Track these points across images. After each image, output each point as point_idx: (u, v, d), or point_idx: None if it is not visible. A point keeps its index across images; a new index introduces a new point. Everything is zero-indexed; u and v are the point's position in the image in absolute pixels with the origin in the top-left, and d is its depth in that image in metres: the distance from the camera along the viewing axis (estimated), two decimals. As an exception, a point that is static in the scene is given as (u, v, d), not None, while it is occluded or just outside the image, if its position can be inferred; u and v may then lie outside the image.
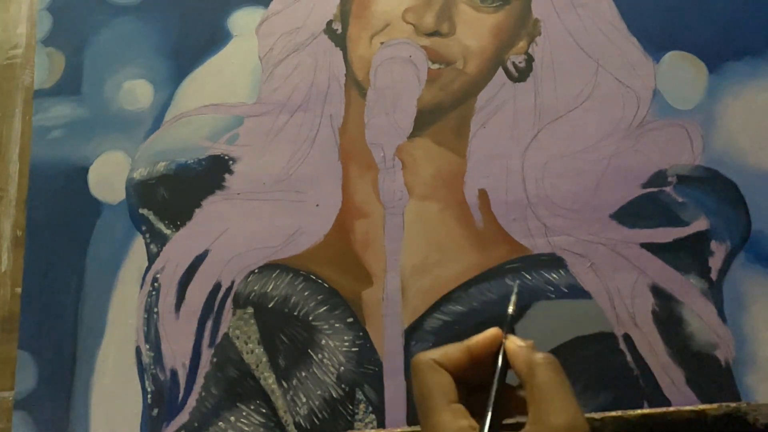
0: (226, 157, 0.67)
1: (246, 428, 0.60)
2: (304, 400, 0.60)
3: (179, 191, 0.67)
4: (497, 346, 0.44)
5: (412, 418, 0.58)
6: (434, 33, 0.67)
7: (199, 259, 0.65)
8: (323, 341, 0.61)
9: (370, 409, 0.59)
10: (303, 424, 0.59)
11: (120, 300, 0.65)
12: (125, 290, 0.65)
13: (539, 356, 0.42)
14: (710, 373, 0.57)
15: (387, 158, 0.65)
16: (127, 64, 0.72)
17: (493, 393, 0.42)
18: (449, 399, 0.41)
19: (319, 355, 0.61)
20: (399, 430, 0.58)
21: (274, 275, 0.63)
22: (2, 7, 0.76)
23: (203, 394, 0.62)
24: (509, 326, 0.46)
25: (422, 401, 0.42)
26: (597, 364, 0.58)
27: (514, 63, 0.66)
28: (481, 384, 0.43)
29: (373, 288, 0.62)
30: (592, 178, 0.62)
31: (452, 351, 0.44)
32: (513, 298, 0.47)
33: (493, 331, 0.44)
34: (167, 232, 0.66)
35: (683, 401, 0.56)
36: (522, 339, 0.44)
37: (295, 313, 0.62)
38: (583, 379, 0.57)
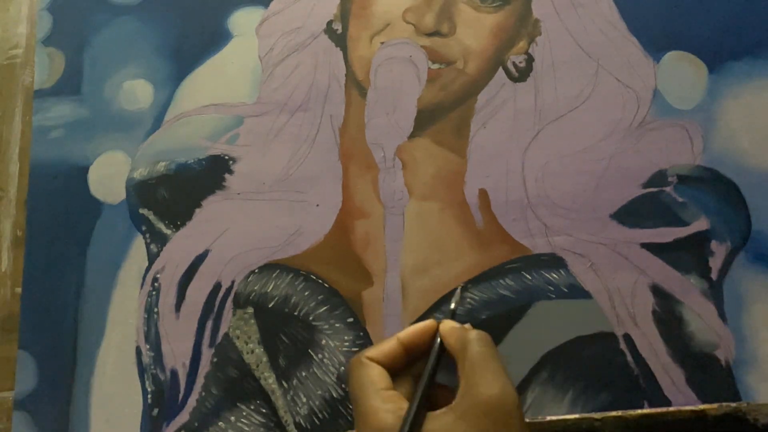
0: (226, 157, 0.67)
1: (246, 428, 0.60)
2: (304, 400, 0.60)
3: (179, 191, 0.67)
4: (433, 336, 0.45)
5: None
6: (434, 33, 0.67)
7: (199, 259, 0.65)
8: (323, 341, 0.61)
9: (371, 409, 0.59)
10: (303, 424, 0.59)
11: (120, 300, 0.65)
12: (125, 290, 0.65)
13: (472, 333, 0.43)
14: (710, 373, 0.57)
15: (387, 158, 0.65)
16: (127, 64, 0.72)
17: (426, 373, 0.43)
18: (379, 387, 0.42)
19: (320, 355, 0.61)
20: (399, 430, 0.58)
21: (274, 275, 0.63)
22: (2, 7, 0.76)
23: (203, 394, 0.62)
24: (449, 316, 0.47)
25: (353, 396, 0.43)
26: (597, 364, 0.58)
27: (514, 63, 0.66)
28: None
29: (373, 288, 0.62)
30: (592, 178, 0.62)
31: (385, 345, 0.46)
32: (456, 297, 0.48)
33: (427, 322, 0.46)
34: (167, 232, 0.66)
35: (683, 401, 0.56)
36: (457, 323, 0.45)
37: (296, 313, 0.62)
38: (583, 379, 0.57)
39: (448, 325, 0.46)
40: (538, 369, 0.58)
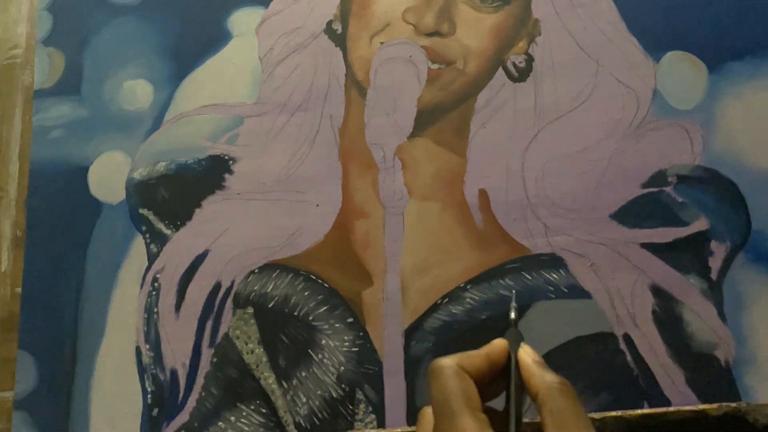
0: (226, 157, 0.67)
1: (246, 428, 0.60)
2: (304, 400, 0.60)
3: (179, 191, 0.67)
4: (507, 357, 0.43)
5: (411, 418, 0.58)
6: (434, 33, 0.67)
7: (199, 259, 0.65)
8: (323, 341, 0.61)
9: (370, 409, 0.59)
10: (303, 424, 0.59)
11: (120, 300, 0.65)
12: (125, 290, 0.65)
13: (554, 380, 0.40)
14: (710, 373, 0.57)
15: (387, 158, 0.65)
16: (127, 64, 0.72)
17: (513, 410, 0.41)
18: (474, 406, 0.39)
19: (319, 355, 0.61)
20: (399, 430, 0.58)
21: (274, 275, 0.64)
22: (2, 7, 0.76)
23: (203, 394, 0.62)
24: (517, 334, 0.44)
25: (445, 405, 0.39)
26: (597, 364, 0.58)
27: (514, 63, 0.66)
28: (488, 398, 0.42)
29: (373, 288, 0.62)
30: (592, 178, 0.62)
31: (474, 357, 0.42)
32: (513, 304, 0.46)
33: (503, 341, 0.43)
34: (167, 232, 0.66)
35: (683, 401, 0.56)
36: (533, 351, 0.43)
37: (295, 313, 0.62)
38: (583, 379, 0.57)
39: (529, 358, 0.43)
40: (538, 369, 0.58)
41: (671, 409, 0.56)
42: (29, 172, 0.70)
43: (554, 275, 0.60)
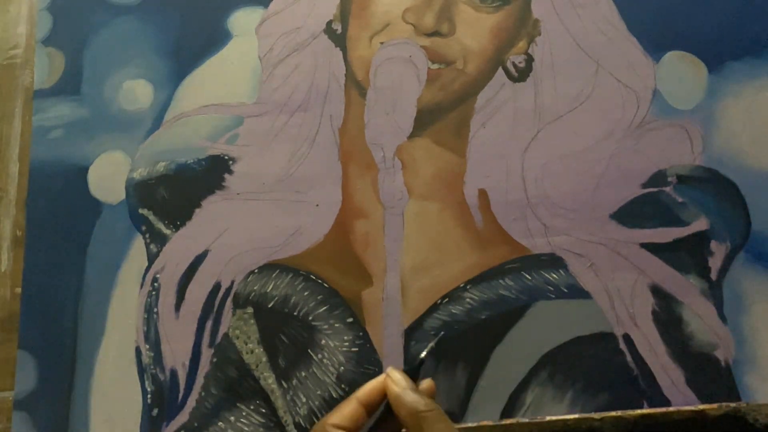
0: (226, 157, 0.68)
1: (246, 428, 0.60)
2: (304, 400, 0.60)
3: (179, 191, 0.67)
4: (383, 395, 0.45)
5: (412, 418, 0.58)
6: (434, 33, 0.67)
7: (199, 259, 0.65)
8: (323, 341, 0.61)
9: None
10: (303, 424, 0.59)
11: (120, 300, 0.65)
12: (125, 290, 0.65)
13: (422, 405, 0.42)
14: (710, 373, 0.57)
15: (387, 158, 0.65)
16: (127, 64, 0.72)
17: None
18: None
19: (319, 355, 0.61)
20: (399, 430, 0.58)
21: (274, 275, 0.64)
22: (2, 8, 0.76)
23: (203, 394, 0.62)
24: (416, 370, 0.46)
25: None
26: (597, 364, 0.58)
27: (514, 63, 0.66)
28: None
29: (373, 288, 0.62)
30: (592, 178, 0.62)
31: (345, 408, 0.45)
32: (430, 345, 0.48)
33: (383, 377, 0.45)
34: (167, 232, 0.66)
35: (683, 401, 0.56)
36: (404, 376, 0.44)
37: (295, 313, 0.62)
38: (583, 379, 0.57)
39: (396, 387, 0.44)
40: (538, 369, 0.58)
41: (671, 409, 0.56)
42: (29, 172, 0.70)
43: (554, 275, 0.60)
